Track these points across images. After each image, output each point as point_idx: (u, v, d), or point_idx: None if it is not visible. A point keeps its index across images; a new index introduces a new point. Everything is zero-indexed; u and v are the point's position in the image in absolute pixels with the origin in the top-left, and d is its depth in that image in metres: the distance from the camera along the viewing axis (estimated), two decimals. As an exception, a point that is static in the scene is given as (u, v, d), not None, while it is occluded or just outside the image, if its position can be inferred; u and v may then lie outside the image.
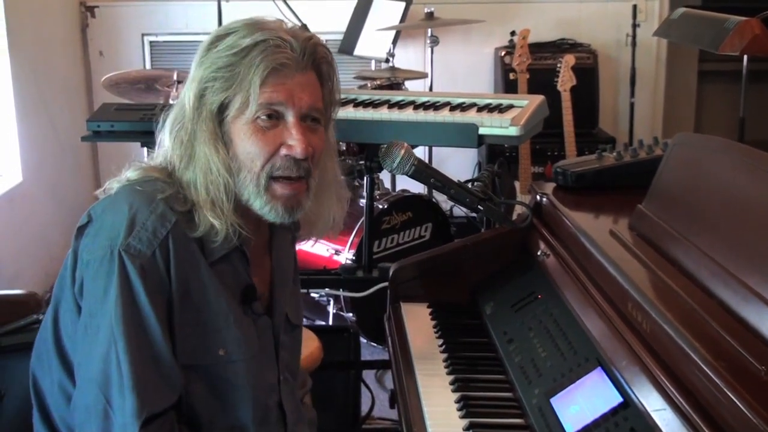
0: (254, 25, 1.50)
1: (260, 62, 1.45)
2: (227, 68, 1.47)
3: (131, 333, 1.41)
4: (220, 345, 1.52)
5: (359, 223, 3.57)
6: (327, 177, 1.64)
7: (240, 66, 1.46)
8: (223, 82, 1.47)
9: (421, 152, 4.84)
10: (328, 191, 1.65)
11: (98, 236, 1.46)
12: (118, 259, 1.42)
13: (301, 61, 1.49)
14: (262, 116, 1.48)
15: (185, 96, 1.52)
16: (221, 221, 1.48)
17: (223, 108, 1.49)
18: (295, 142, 1.48)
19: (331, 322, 3.66)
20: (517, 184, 4.49)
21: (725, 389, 1.19)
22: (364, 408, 3.02)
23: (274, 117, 1.49)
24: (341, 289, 3.32)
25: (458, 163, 5.06)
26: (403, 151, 1.92)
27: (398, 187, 4.53)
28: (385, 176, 4.42)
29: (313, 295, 3.67)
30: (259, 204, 1.51)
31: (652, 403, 1.34)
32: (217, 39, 1.50)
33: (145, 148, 2.76)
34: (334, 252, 3.68)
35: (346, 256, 3.61)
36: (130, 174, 1.53)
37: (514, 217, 2.29)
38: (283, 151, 1.49)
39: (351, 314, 3.63)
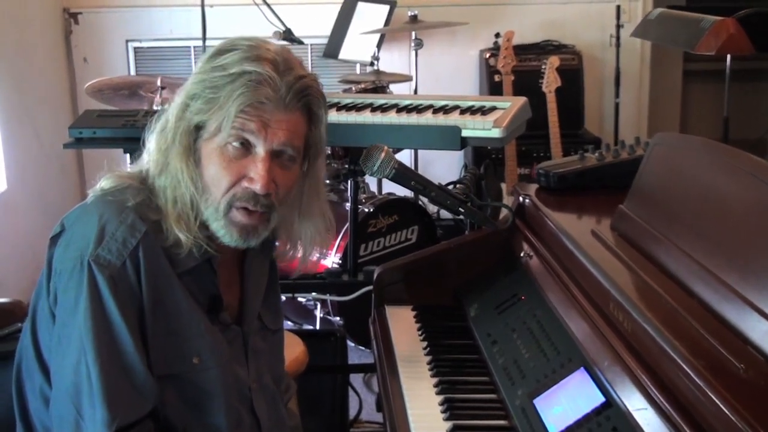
0: (253, 50, 1.48)
1: (239, 95, 1.44)
2: (212, 89, 1.46)
3: (101, 344, 1.41)
4: (195, 353, 1.52)
5: (345, 227, 3.56)
6: (312, 210, 1.64)
7: (222, 92, 1.45)
8: (204, 102, 1.47)
9: (407, 155, 4.84)
10: (309, 222, 1.65)
11: (69, 246, 1.46)
12: (88, 270, 1.41)
13: (283, 100, 1.47)
14: (233, 143, 1.47)
15: (174, 103, 1.52)
16: (186, 236, 1.48)
17: (199, 127, 1.49)
18: (256, 176, 1.47)
19: (318, 327, 3.66)
20: (504, 186, 4.49)
21: (705, 388, 1.19)
22: (353, 412, 3.02)
23: (245, 146, 1.47)
24: (328, 294, 3.32)
25: (445, 166, 5.06)
26: (383, 155, 1.91)
27: (384, 191, 4.53)
28: (371, 179, 4.42)
29: (300, 299, 3.67)
30: (215, 226, 1.51)
31: (634, 402, 1.34)
32: (219, 53, 1.50)
33: (128, 155, 2.75)
34: (320, 256, 3.67)
35: (332, 260, 3.60)
36: (104, 183, 1.53)
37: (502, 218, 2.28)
38: (245, 183, 1.48)
39: (338, 318, 3.63)
